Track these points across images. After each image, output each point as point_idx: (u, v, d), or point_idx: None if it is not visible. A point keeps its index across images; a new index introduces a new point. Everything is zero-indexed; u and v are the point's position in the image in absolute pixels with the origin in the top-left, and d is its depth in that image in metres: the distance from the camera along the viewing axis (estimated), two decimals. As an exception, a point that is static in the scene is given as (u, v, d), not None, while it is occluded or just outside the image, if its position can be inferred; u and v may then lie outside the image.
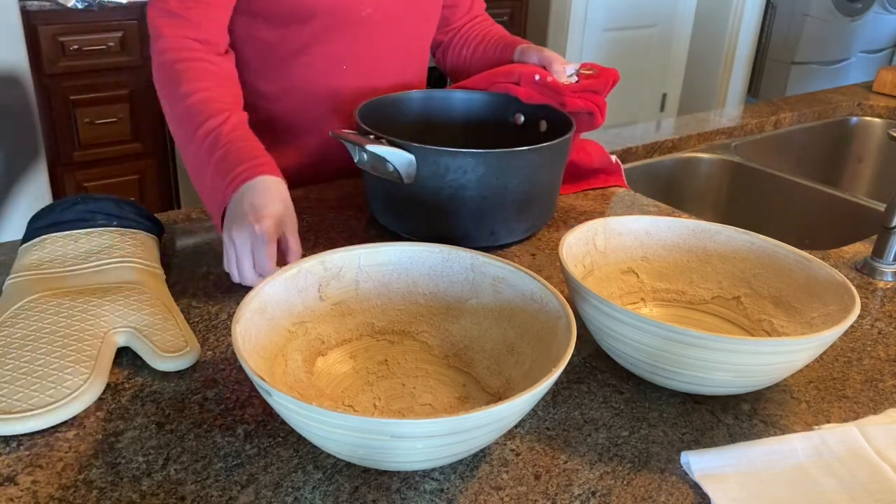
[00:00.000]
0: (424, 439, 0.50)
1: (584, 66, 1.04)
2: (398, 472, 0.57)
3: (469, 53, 1.20)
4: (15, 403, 0.59)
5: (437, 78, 3.07)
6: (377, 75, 1.10)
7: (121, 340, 0.68)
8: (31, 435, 0.59)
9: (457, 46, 1.22)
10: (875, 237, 0.94)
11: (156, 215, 0.91)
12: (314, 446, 0.59)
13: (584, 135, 1.12)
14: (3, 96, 2.04)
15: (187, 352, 0.68)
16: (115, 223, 0.82)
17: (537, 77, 1.02)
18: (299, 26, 1.02)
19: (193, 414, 0.62)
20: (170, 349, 0.68)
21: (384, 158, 0.84)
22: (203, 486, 0.55)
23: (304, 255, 0.72)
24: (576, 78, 1.02)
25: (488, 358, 0.67)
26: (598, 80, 1.00)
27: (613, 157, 1.16)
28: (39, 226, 0.81)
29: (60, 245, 0.79)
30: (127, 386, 0.65)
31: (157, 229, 0.87)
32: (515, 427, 0.63)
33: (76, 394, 0.61)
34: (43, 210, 0.82)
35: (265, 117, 1.11)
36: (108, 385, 0.65)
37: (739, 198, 1.45)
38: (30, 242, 0.79)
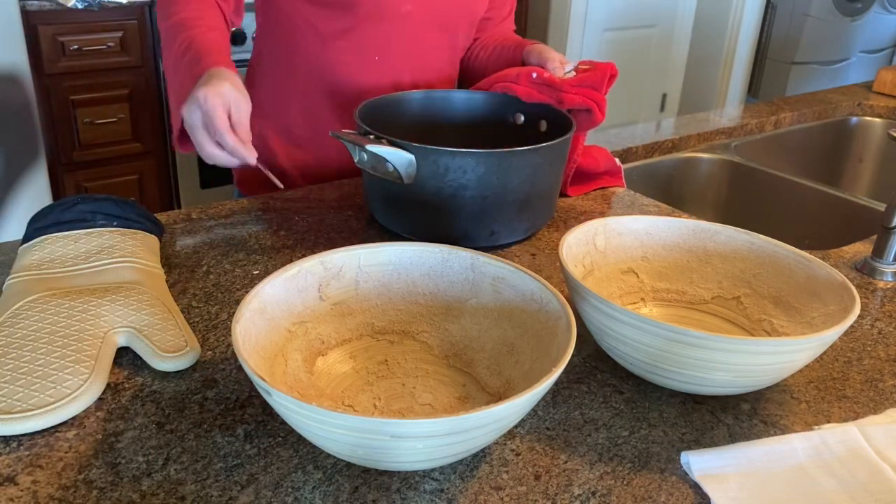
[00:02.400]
0: (424, 439, 0.50)
1: (581, 63, 1.04)
2: (398, 472, 0.57)
3: (485, 55, 1.21)
4: (15, 403, 0.59)
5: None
6: (406, 72, 1.11)
7: (121, 340, 0.68)
8: (31, 435, 0.59)
9: (475, 51, 1.23)
10: (875, 237, 0.94)
11: (156, 215, 0.91)
12: (314, 446, 0.59)
13: (587, 138, 1.12)
14: (3, 96, 2.04)
15: (187, 352, 0.68)
16: (115, 223, 0.82)
17: (534, 75, 1.02)
18: (341, 11, 1.04)
19: (193, 414, 0.62)
20: (170, 349, 0.68)
21: (384, 158, 0.84)
22: (203, 486, 0.55)
23: (303, 255, 0.72)
24: (573, 73, 1.02)
25: (488, 358, 0.67)
26: (594, 74, 1.00)
27: (617, 161, 1.17)
28: (39, 226, 0.81)
29: (60, 245, 0.79)
30: (127, 386, 0.65)
31: (157, 229, 0.87)
32: (515, 427, 0.63)
33: (76, 394, 0.61)
34: (43, 210, 0.82)
35: (285, 98, 1.12)
36: (108, 385, 0.65)
37: (739, 198, 1.45)
38: (30, 243, 0.79)
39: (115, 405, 0.63)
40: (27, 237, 0.81)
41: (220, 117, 0.77)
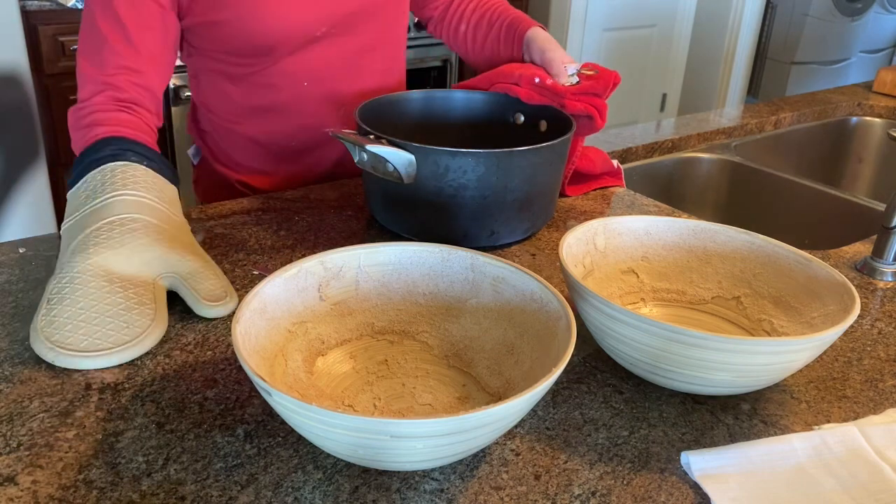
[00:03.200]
0: (424, 439, 0.50)
1: (585, 66, 1.03)
2: (398, 472, 0.57)
3: (469, 30, 1.18)
4: (96, 342, 0.67)
5: (436, 77, 3.07)
6: (344, 86, 1.09)
7: (167, 285, 0.76)
8: (32, 435, 0.59)
9: (452, 22, 1.20)
10: (875, 237, 0.94)
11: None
12: (314, 446, 0.59)
13: (586, 138, 1.12)
14: (3, 96, 2.04)
15: (227, 301, 0.75)
16: (144, 163, 0.85)
17: (537, 80, 1.02)
18: (256, 58, 1.03)
19: (193, 414, 0.62)
20: (212, 298, 0.74)
21: (384, 158, 0.84)
22: (203, 486, 0.55)
23: (303, 255, 0.73)
24: (576, 79, 1.02)
25: (488, 358, 0.67)
26: (598, 82, 1.00)
27: (615, 162, 1.16)
28: (80, 169, 0.84)
29: (98, 178, 0.82)
30: (127, 386, 0.65)
31: (175, 180, 0.90)
32: (515, 427, 0.63)
33: (147, 332, 0.70)
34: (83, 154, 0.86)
35: (239, 134, 1.12)
36: (107, 385, 0.65)
37: (739, 198, 1.45)
38: (75, 187, 0.83)
39: (115, 405, 0.63)
40: (71, 184, 0.84)
41: None
